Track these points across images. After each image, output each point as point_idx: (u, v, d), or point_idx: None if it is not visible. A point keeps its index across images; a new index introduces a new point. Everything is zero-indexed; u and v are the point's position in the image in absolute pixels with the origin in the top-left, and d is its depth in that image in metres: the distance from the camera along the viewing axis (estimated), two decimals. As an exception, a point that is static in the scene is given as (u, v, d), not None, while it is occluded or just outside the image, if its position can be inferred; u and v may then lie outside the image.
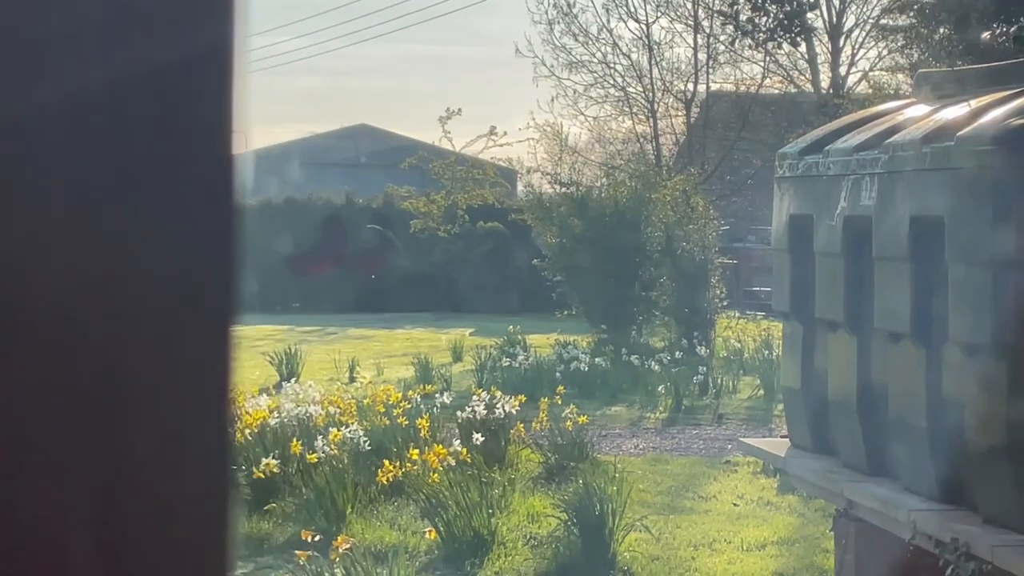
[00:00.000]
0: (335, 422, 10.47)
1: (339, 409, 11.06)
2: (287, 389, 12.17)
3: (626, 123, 33.86)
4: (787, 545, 8.63)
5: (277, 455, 9.52)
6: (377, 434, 10.25)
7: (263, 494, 9.30)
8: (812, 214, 6.11)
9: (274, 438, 10.02)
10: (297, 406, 10.73)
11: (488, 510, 8.52)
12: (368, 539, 8.47)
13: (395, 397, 11.53)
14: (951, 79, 6.13)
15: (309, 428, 10.35)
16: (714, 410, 14.78)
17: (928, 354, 5.16)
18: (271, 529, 8.86)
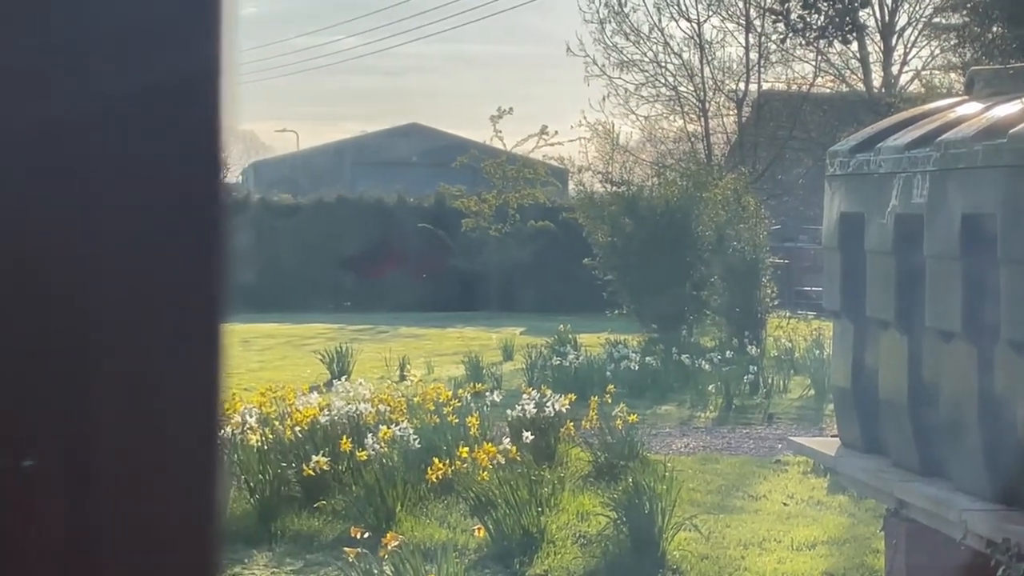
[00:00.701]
0: (385, 420, 10.50)
1: (389, 407, 11.09)
2: (337, 387, 12.21)
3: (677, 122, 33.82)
4: (837, 545, 8.58)
5: (327, 452, 9.56)
6: (427, 432, 10.27)
7: (313, 491, 9.34)
8: (863, 212, 6.09)
9: (324, 435, 10.06)
10: (347, 404, 10.77)
11: (537, 508, 8.52)
12: (417, 537, 8.49)
13: (445, 395, 11.56)
14: (1004, 76, 6.09)
15: (359, 426, 10.38)
16: (764, 409, 14.73)
17: (980, 353, 5.13)
18: (321, 526, 8.90)
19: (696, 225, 20.87)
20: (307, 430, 10.11)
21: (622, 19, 32.22)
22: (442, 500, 9.44)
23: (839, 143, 6.68)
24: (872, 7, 29.93)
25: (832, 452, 6.51)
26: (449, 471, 9.26)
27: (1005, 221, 4.82)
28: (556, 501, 9.28)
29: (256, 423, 10.11)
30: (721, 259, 20.80)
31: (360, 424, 10.42)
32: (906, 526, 5.79)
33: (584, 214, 22.40)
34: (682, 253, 20.76)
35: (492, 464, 8.96)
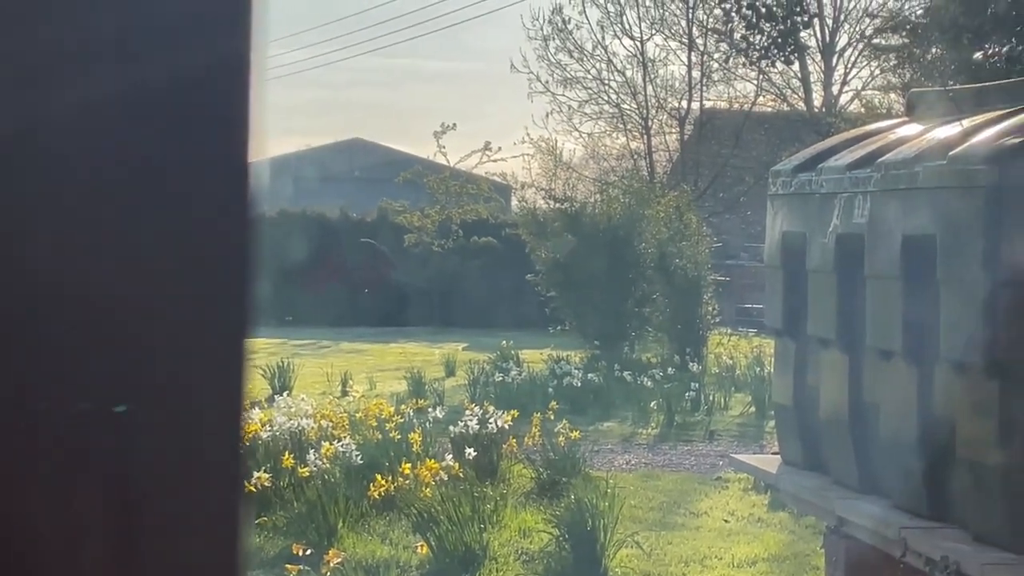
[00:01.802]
0: (327, 436, 10.47)
1: (331, 423, 11.06)
2: (279, 402, 12.16)
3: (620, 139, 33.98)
4: (777, 562, 8.63)
5: (269, 468, 9.52)
6: (369, 448, 10.25)
7: (255, 507, 9.29)
8: (805, 231, 6.13)
9: (266, 451, 10.02)
10: (289, 419, 10.73)
11: (480, 525, 8.53)
12: (359, 553, 8.47)
13: (388, 411, 11.54)
14: (943, 99, 6.16)
15: (301, 442, 10.35)
16: (706, 426, 14.80)
17: (920, 372, 5.18)
18: (262, 543, 8.85)
19: (638, 242, 20.96)
20: (248, 446, 10.06)
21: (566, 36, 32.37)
22: (384, 517, 9.41)
23: (781, 163, 6.73)
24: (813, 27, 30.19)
25: (773, 469, 6.54)
26: (392, 487, 9.25)
27: (944, 242, 4.87)
28: (498, 518, 9.28)
29: (197, 439, 10.04)
30: (663, 276, 20.89)
31: (302, 440, 10.38)
32: (846, 543, 5.82)
33: (527, 230, 22.45)
34: (624, 270, 20.83)
35: (435, 480, 8.96)
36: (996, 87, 5.93)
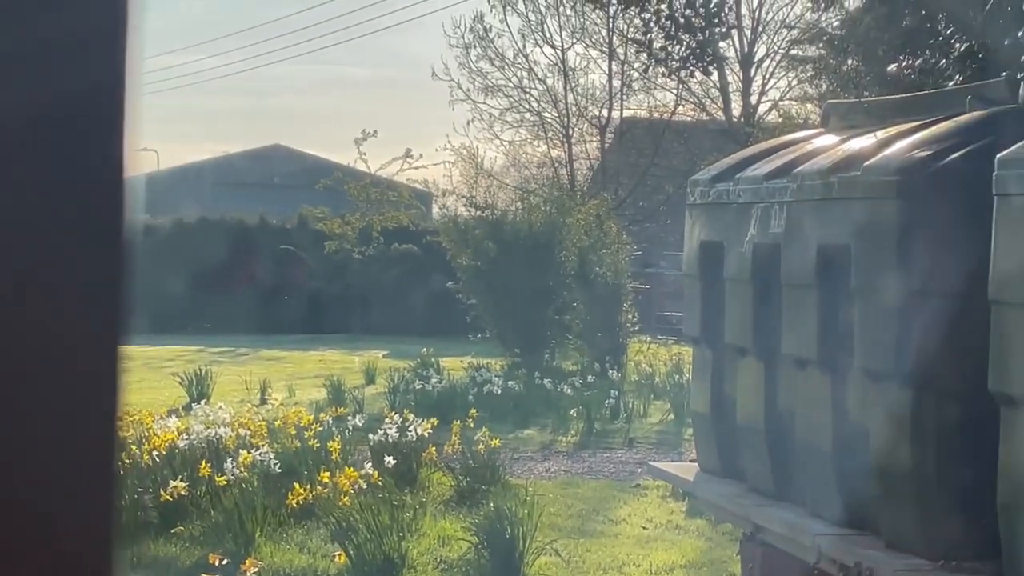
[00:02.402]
0: (245, 444, 10.39)
1: (249, 431, 10.99)
2: (197, 410, 12.06)
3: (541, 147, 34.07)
4: (695, 569, 8.68)
5: (185, 477, 9.43)
6: (288, 457, 10.19)
7: (171, 517, 9.21)
8: (722, 241, 6.18)
9: (183, 460, 9.93)
10: (207, 428, 10.65)
11: (399, 533, 8.50)
12: (277, 562, 8.42)
13: (306, 419, 11.48)
14: (858, 110, 6.24)
15: (219, 450, 10.27)
16: (625, 434, 14.86)
17: (834, 380, 5.23)
18: (178, 552, 8.77)
19: (559, 250, 21.01)
20: (165, 455, 9.96)
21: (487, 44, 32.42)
22: (303, 525, 9.36)
23: (700, 172, 6.78)
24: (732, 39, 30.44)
25: (691, 477, 6.58)
26: (310, 496, 9.20)
27: (858, 252, 4.93)
28: (418, 526, 9.26)
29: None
30: (583, 284, 20.96)
31: (220, 448, 10.31)
32: (762, 550, 5.87)
33: (448, 238, 22.43)
34: (545, 278, 20.87)
35: (353, 489, 8.92)
36: (909, 99, 6.02)
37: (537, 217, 21.47)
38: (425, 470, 11.05)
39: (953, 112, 5.17)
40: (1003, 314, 4.13)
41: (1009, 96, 4.95)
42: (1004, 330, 4.13)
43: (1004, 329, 4.13)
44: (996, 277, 4.15)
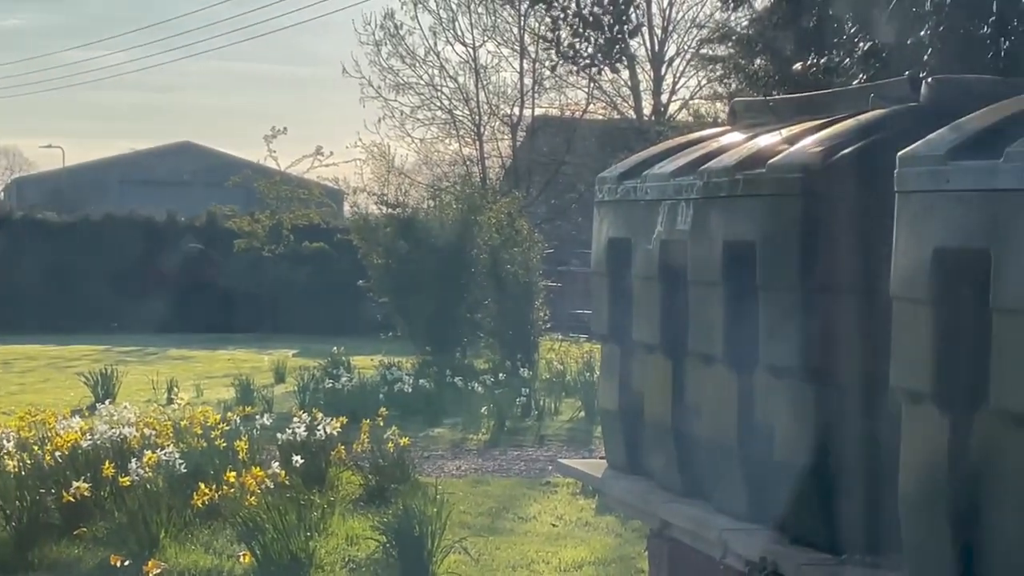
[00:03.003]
0: (150, 444, 10.26)
1: (155, 431, 10.85)
2: (101, 410, 11.89)
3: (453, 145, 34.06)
4: (604, 565, 8.70)
5: (89, 478, 9.30)
6: (194, 456, 10.08)
7: (74, 518, 9.08)
8: (630, 238, 6.18)
9: (86, 461, 9.79)
10: (111, 428, 10.50)
11: (306, 533, 8.44)
12: (182, 563, 8.32)
13: (213, 419, 11.36)
14: (764, 108, 6.26)
15: (123, 451, 10.13)
16: (536, 431, 14.87)
17: (739, 377, 5.25)
18: (81, 554, 8.65)
19: (470, 248, 21.00)
20: (68, 455, 9.81)
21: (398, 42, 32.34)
22: (209, 526, 9.26)
23: (608, 169, 6.77)
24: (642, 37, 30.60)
25: (599, 474, 6.57)
26: (216, 496, 9.10)
27: (763, 249, 4.94)
28: (326, 525, 9.20)
29: (14, 448, 9.78)
30: (495, 282, 20.97)
31: (124, 449, 10.17)
32: (669, 546, 5.88)
33: (359, 236, 22.32)
34: (456, 276, 20.85)
35: (261, 488, 8.83)
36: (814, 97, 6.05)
37: (448, 215, 21.45)
38: (334, 469, 10.98)
39: (856, 110, 5.20)
40: (904, 310, 4.16)
41: (911, 94, 4.99)
42: (904, 326, 4.16)
43: (904, 325, 4.16)
44: (897, 273, 4.17)
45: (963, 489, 3.95)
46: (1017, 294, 3.64)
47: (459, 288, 20.96)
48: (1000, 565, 3.81)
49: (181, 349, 25.52)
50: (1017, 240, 3.64)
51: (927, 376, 4.02)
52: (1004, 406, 3.71)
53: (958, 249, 3.91)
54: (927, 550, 4.11)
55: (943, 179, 3.97)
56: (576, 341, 24.19)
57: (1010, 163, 3.69)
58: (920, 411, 4.11)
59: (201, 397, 16.91)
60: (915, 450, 4.17)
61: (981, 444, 3.90)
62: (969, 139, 4.00)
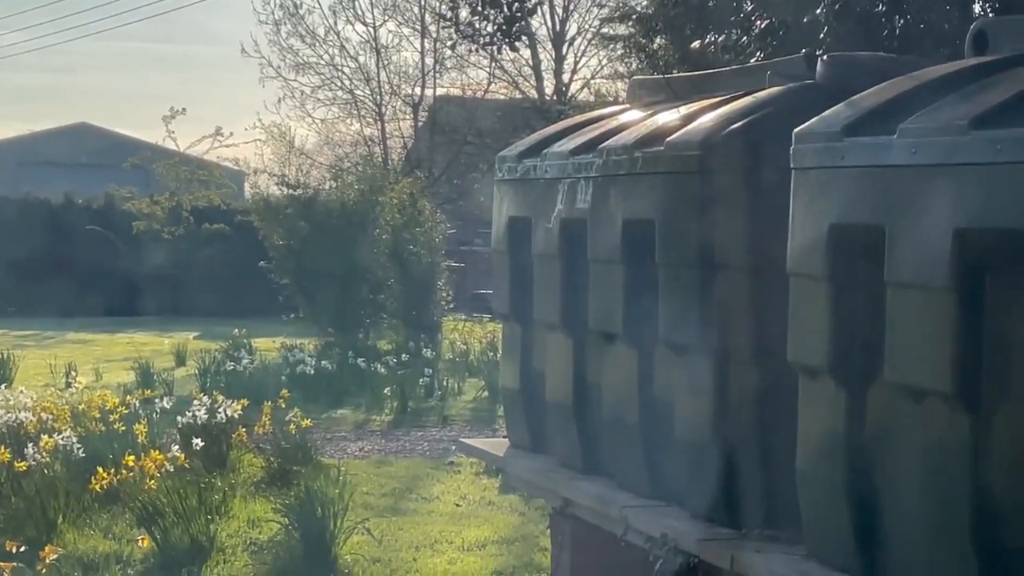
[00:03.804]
0: (48, 429, 10.11)
1: (52, 415, 10.69)
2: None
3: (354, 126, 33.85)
4: (507, 544, 8.71)
5: (-16, 464, 9.14)
6: (93, 441, 9.94)
7: (-31, 505, 8.92)
8: (530, 216, 6.18)
9: (-19, 446, 9.62)
10: (7, 412, 10.33)
11: (207, 516, 8.36)
12: (80, 549, 8.21)
13: (112, 403, 11.20)
14: (662, 87, 6.28)
15: (20, 436, 9.97)
16: (439, 412, 14.86)
17: (640, 354, 5.27)
18: (-24, 540, 8.49)
19: (372, 229, 20.90)
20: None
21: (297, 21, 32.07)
22: (108, 511, 9.14)
23: (507, 148, 6.76)
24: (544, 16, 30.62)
25: (502, 453, 6.58)
26: (115, 480, 8.98)
27: (662, 227, 4.96)
28: (227, 508, 9.12)
29: (-94, 435, 9.59)
30: (398, 263, 20.90)
31: (20, 434, 10.01)
32: (571, 523, 5.90)
33: (260, 217, 22.13)
34: (358, 257, 20.74)
35: (160, 472, 8.74)
36: (712, 75, 6.08)
37: (350, 196, 21.32)
38: (235, 452, 10.89)
39: (754, 88, 5.24)
40: (800, 286, 4.19)
41: (807, 72, 5.03)
42: (801, 302, 4.19)
43: (801, 301, 4.19)
44: (794, 250, 4.21)
45: (859, 462, 3.99)
46: (910, 269, 3.68)
47: (361, 269, 20.86)
48: (895, 536, 3.87)
49: (80, 333, 25.18)
50: (910, 215, 3.68)
51: (823, 351, 4.06)
52: (898, 379, 3.76)
53: (853, 225, 3.95)
54: (825, 523, 4.16)
55: (838, 155, 4.00)
56: (479, 321, 24.20)
57: (903, 139, 3.73)
58: (816, 386, 4.16)
59: (100, 381, 16.70)
60: (812, 424, 4.21)
61: (876, 417, 3.95)
62: (864, 116, 4.04)
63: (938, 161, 3.59)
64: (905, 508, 3.80)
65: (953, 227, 3.51)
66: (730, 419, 4.76)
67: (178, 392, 14.84)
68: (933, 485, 3.67)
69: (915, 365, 3.69)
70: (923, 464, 3.70)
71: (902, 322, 3.73)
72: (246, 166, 29.92)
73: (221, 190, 31.80)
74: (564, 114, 22.39)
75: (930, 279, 3.59)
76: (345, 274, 20.60)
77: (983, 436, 3.51)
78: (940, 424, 3.62)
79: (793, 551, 4.34)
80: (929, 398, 3.66)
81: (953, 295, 3.53)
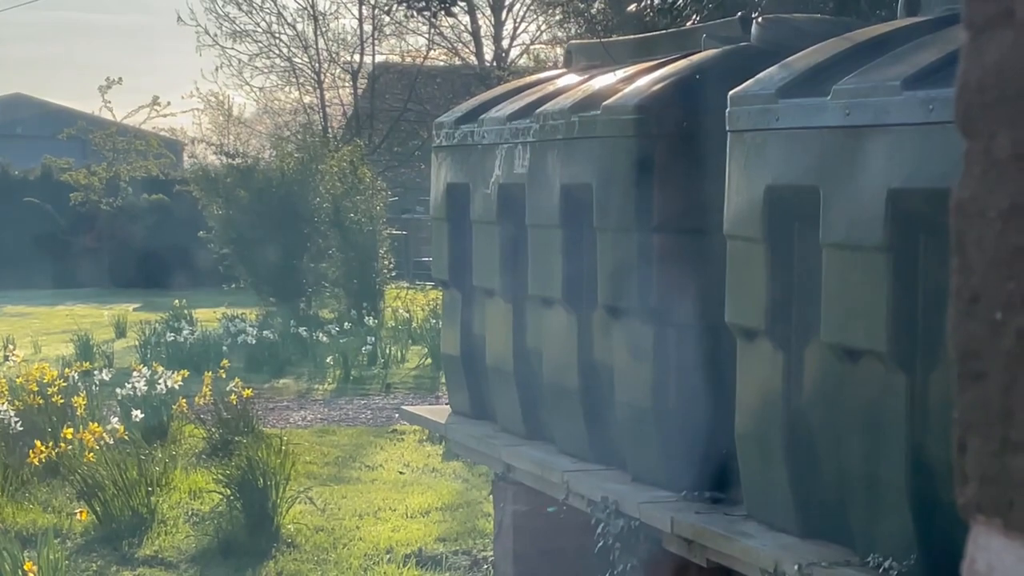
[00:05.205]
0: (-16, 403, 10.00)
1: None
2: (-67, 370, 11.56)
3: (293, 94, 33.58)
4: (450, 510, 8.72)
5: (-80, 439, 9.03)
6: (30, 414, 9.85)
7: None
8: (468, 183, 6.17)
9: (-84, 422, 9.50)
10: (-57, 387, 10.22)
11: (148, 488, 8.30)
12: (20, 523, 8.14)
13: (50, 375, 11.10)
14: (600, 50, 6.27)
15: (-44, 410, 9.85)
16: (382, 380, 14.82)
17: (579, 319, 5.28)
18: (-87, 517, 8.40)
19: (313, 197, 20.78)
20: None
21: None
22: (47, 484, 9.07)
23: (445, 114, 6.74)
24: (482, -19, 30.49)
25: (444, 420, 6.58)
26: (54, 453, 8.90)
27: (599, 191, 4.97)
28: (168, 480, 9.06)
29: None
30: (338, 231, 20.79)
31: (-43, 408, 9.88)
32: (513, 489, 5.92)
33: (198, 187, 21.95)
34: (299, 226, 20.63)
35: (100, 445, 8.66)
36: (649, 39, 6.08)
37: (289, 164, 21.18)
38: (176, 423, 10.81)
39: (690, 50, 5.24)
40: (737, 249, 4.21)
41: (743, 34, 5.03)
42: (738, 264, 4.21)
43: (738, 263, 4.21)
44: (730, 212, 4.22)
45: (796, 422, 4.02)
46: (845, 230, 3.70)
47: (302, 238, 20.74)
48: (832, 494, 3.90)
49: (18, 306, 24.93)
50: (845, 176, 3.69)
51: (760, 313, 4.08)
52: (834, 340, 3.78)
53: (789, 187, 3.96)
54: (764, 483, 4.18)
55: (773, 117, 4.01)
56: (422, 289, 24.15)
57: (837, 100, 3.74)
58: (754, 347, 4.18)
59: (39, 354, 16.53)
60: (750, 386, 4.24)
61: (813, 378, 3.98)
62: (798, 78, 4.05)
63: (871, 122, 3.60)
64: (842, 467, 3.82)
65: (887, 187, 3.53)
66: (668, 383, 4.78)
67: (118, 364, 14.72)
68: (869, 444, 3.69)
69: (851, 326, 3.71)
70: (859, 423, 3.73)
71: (837, 283, 3.75)
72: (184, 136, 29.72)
73: (159, 160, 31.53)
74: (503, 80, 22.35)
75: (865, 239, 3.61)
76: (286, 243, 20.48)
77: (918, 395, 3.54)
78: (876, 384, 3.65)
79: (733, 512, 4.37)
80: (865, 358, 3.68)
81: (887, 255, 3.55)
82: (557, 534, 5.77)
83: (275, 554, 7.72)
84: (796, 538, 4.00)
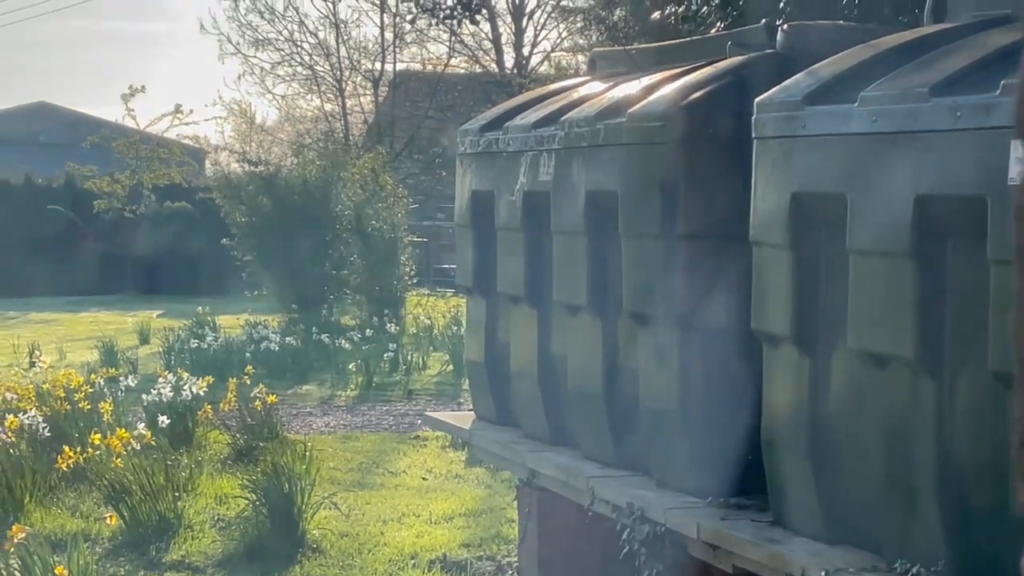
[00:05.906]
0: (12, 408, 10.07)
1: (16, 395, 10.65)
2: (-40, 376, 11.63)
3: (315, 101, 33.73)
4: (474, 516, 8.74)
5: (-51, 445, 9.10)
6: (58, 420, 9.91)
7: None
8: (493, 190, 6.19)
9: (-55, 428, 9.57)
10: (-29, 393, 10.29)
11: (174, 493, 8.35)
12: (48, 528, 8.20)
13: (77, 381, 11.16)
14: (623, 58, 6.29)
15: (-16, 416, 9.93)
16: (404, 386, 14.87)
17: (604, 325, 5.30)
18: (-57, 522, 8.46)
19: (335, 204, 20.85)
20: (-74, 423, 9.58)
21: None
22: (75, 489, 9.13)
23: (469, 122, 6.76)
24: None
25: (468, 426, 6.60)
26: (81, 459, 8.96)
27: (625, 198, 4.98)
28: (194, 485, 9.12)
29: None
30: (360, 238, 20.85)
31: (-15, 414, 9.96)
32: (538, 495, 5.93)
33: (221, 194, 22.03)
34: (321, 233, 20.70)
35: (127, 450, 8.71)
36: (673, 46, 6.10)
37: (311, 172, 21.25)
38: (201, 429, 10.87)
39: (714, 58, 5.25)
40: (762, 255, 4.22)
41: (767, 41, 5.05)
42: (763, 271, 4.22)
43: (763, 270, 4.22)
44: (756, 219, 4.24)
45: (823, 428, 4.03)
46: (872, 236, 3.71)
47: (324, 245, 20.81)
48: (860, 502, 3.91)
49: (43, 313, 25.05)
50: (872, 183, 3.71)
51: (786, 320, 4.10)
52: (861, 347, 3.80)
53: (815, 193, 3.98)
54: (790, 489, 4.20)
55: (800, 124, 4.03)
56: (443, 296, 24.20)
57: (864, 107, 3.75)
58: (780, 354, 4.19)
59: (64, 360, 16.62)
60: (776, 392, 4.25)
61: (839, 384, 3.99)
62: (824, 84, 4.07)
63: (898, 129, 3.62)
64: (869, 473, 3.84)
65: (914, 194, 3.54)
66: (694, 388, 4.79)
67: (143, 370, 14.80)
68: (896, 450, 3.71)
69: (878, 332, 3.73)
70: (886, 429, 3.74)
71: (864, 289, 3.76)
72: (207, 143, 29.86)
73: (182, 168, 31.65)
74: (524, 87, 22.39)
75: (892, 246, 3.63)
76: (308, 250, 20.55)
77: (945, 401, 3.56)
78: (903, 389, 3.66)
79: (759, 518, 4.38)
80: (892, 364, 3.69)
81: (914, 262, 3.56)
82: (582, 540, 5.78)
83: (300, 559, 7.76)
84: (823, 544, 4.01)
